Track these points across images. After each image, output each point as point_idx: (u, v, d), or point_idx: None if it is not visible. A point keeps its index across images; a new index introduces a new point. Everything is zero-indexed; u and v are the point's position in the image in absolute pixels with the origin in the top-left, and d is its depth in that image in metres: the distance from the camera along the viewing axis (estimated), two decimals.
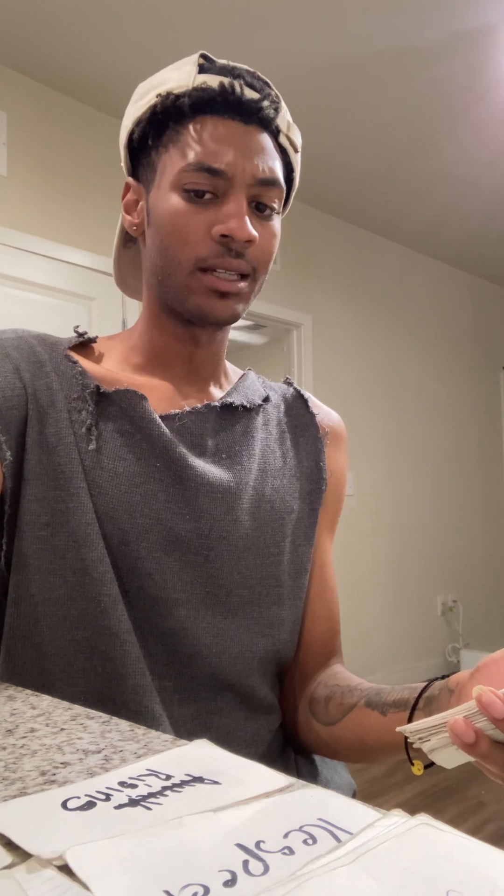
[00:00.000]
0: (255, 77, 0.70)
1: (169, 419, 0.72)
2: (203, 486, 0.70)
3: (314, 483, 0.80)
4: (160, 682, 0.68)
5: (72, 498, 0.67)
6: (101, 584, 0.66)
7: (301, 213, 3.71)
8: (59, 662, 0.66)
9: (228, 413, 0.76)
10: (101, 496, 0.67)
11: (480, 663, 0.54)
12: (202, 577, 0.69)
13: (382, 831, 0.33)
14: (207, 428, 0.73)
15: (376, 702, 0.67)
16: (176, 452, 0.69)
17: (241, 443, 0.75)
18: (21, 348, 0.72)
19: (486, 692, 0.43)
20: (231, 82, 0.67)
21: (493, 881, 0.29)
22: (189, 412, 0.73)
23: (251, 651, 0.72)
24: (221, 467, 0.72)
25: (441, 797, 2.52)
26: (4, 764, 0.43)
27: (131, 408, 0.70)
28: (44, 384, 0.70)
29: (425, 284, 4.50)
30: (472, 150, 3.24)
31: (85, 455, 0.68)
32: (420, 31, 2.45)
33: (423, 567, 4.32)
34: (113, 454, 0.69)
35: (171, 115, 0.69)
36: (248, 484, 0.73)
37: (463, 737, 0.43)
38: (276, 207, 0.71)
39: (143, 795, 0.38)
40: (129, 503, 0.68)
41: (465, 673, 0.58)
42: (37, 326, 2.90)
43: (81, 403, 0.69)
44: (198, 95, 0.67)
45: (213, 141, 0.67)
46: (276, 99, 0.70)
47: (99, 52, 2.53)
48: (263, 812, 0.36)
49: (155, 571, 0.67)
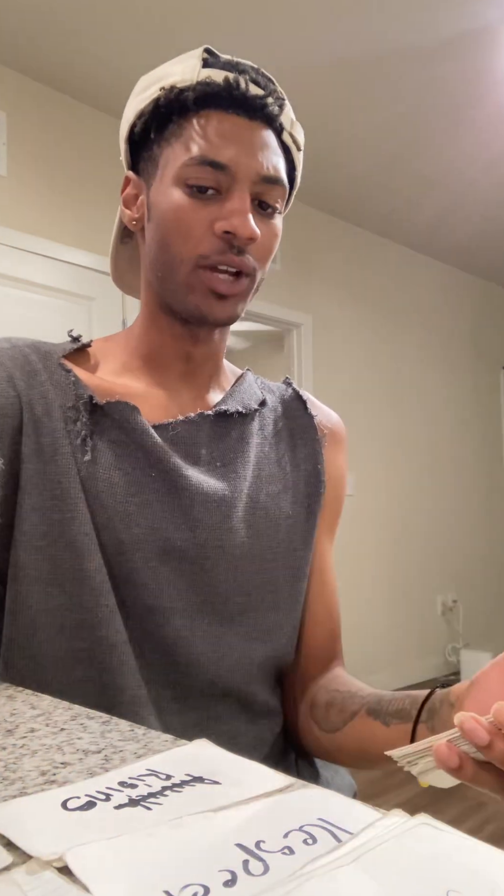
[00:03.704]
0: (260, 73, 0.69)
1: (162, 429, 0.71)
2: (198, 496, 0.69)
3: (312, 486, 0.79)
4: (159, 691, 0.68)
5: (69, 508, 0.66)
6: (98, 595, 0.65)
7: (301, 213, 3.71)
8: (57, 673, 0.66)
9: (223, 420, 0.75)
10: (97, 506, 0.67)
11: (477, 674, 0.54)
12: (198, 586, 0.69)
13: (382, 831, 0.33)
14: (201, 437, 0.73)
15: (378, 711, 0.66)
16: (170, 462, 0.69)
17: (236, 450, 0.75)
18: (15, 358, 0.71)
19: (468, 719, 0.42)
20: (236, 77, 0.67)
21: (493, 881, 0.29)
22: (182, 421, 0.72)
23: (250, 657, 0.71)
24: (216, 476, 0.72)
25: (441, 797, 2.52)
26: (4, 764, 0.43)
27: (124, 419, 0.69)
28: (38, 393, 0.69)
29: (425, 284, 4.50)
30: (473, 150, 3.24)
31: (81, 465, 0.67)
32: (420, 31, 2.45)
33: (423, 567, 4.32)
34: (108, 464, 0.68)
35: (174, 108, 0.68)
36: (243, 492, 0.73)
37: (447, 762, 0.43)
38: (278, 206, 0.70)
39: (143, 795, 0.38)
40: (124, 513, 0.67)
41: (465, 684, 0.57)
42: (37, 326, 2.87)
43: (76, 414, 0.69)
44: (202, 90, 0.67)
45: (216, 136, 0.66)
46: (281, 96, 0.70)
47: (99, 52, 2.53)
48: (263, 812, 0.36)
49: (150, 581, 0.67)
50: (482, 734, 0.41)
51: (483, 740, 0.41)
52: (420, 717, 0.62)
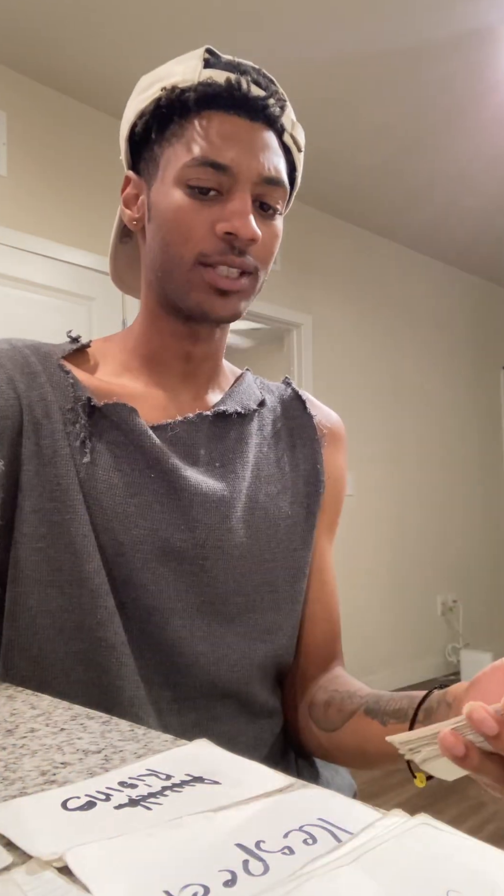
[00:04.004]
0: (261, 74, 0.69)
1: (161, 429, 0.71)
2: (197, 497, 0.69)
3: (311, 486, 0.79)
4: (159, 692, 0.68)
5: (68, 510, 0.66)
6: (97, 596, 0.65)
7: (301, 213, 3.71)
8: (57, 674, 0.66)
9: (222, 421, 0.75)
10: (96, 508, 0.67)
11: (476, 676, 0.54)
12: (197, 587, 0.69)
13: (382, 831, 0.33)
14: (200, 437, 0.73)
15: (376, 710, 0.66)
16: (169, 463, 0.69)
17: (235, 451, 0.75)
18: (15, 359, 0.71)
19: (477, 708, 0.42)
20: (238, 78, 0.67)
21: (493, 881, 0.29)
22: (181, 422, 0.72)
23: (249, 658, 0.71)
24: (215, 477, 0.72)
25: (441, 797, 2.52)
26: (4, 764, 0.43)
27: (122, 421, 0.69)
28: (38, 395, 0.69)
29: (425, 284, 4.50)
30: (473, 151, 3.24)
31: (80, 467, 0.68)
32: (420, 31, 2.45)
33: (424, 567, 4.32)
34: (107, 466, 0.68)
35: (175, 109, 0.68)
36: (242, 492, 0.73)
37: (452, 750, 0.43)
38: (279, 208, 0.71)
39: (143, 795, 0.38)
40: (123, 514, 0.67)
41: (463, 685, 0.57)
42: (36, 326, 2.87)
43: (75, 415, 0.69)
44: (204, 90, 0.67)
45: (218, 136, 0.66)
46: (282, 97, 0.70)
47: (99, 52, 2.53)
48: (263, 812, 0.36)
49: (150, 582, 0.67)
50: (491, 723, 0.42)
51: (493, 729, 0.42)
52: (417, 717, 0.62)
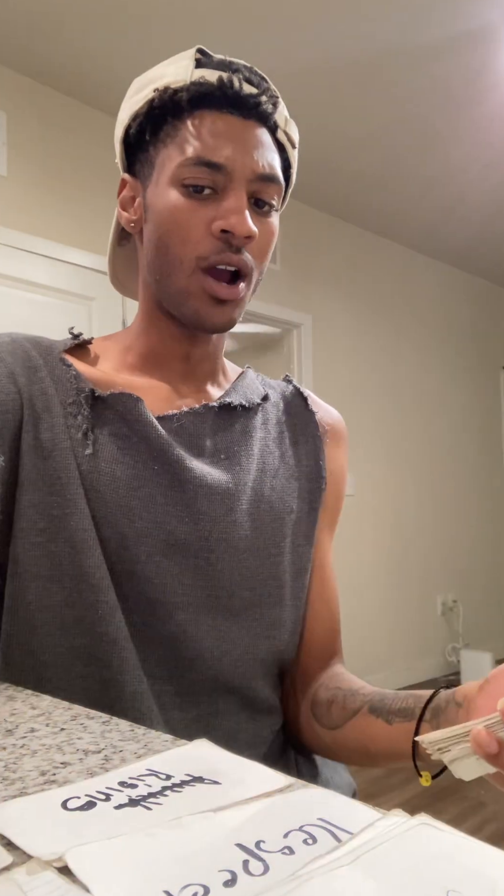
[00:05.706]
0: (253, 72, 0.70)
1: (166, 420, 0.71)
2: (202, 488, 0.69)
3: (314, 482, 0.79)
4: (161, 686, 0.67)
5: (68, 503, 0.66)
6: (98, 591, 0.65)
7: (301, 213, 3.71)
8: (57, 670, 0.66)
9: (227, 413, 0.75)
10: (98, 501, 0.67)
11: (490, 675, 0.54)
12: (203, 580, 0.69)
13: (382, 831, 0.33)
14: (205, 428, 0.73)
15: (380, 709, 0.66)
16: (174, 454, 0.69)
17: (240, 443, 0.75)
18: (16, 353, 0.71)
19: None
20: (230, 77, 0.67)
21: (493, 881, 0.29)
22: (187, 412, 0.72)
23: (253, 653, 0.71)
24: (220, 468, 0.72)
25: (441, 797, 2.52)
26: (4, 764, 0.43)
27: (127, 411, 0.69)
28: (39, 389, 0.69)
29: (425, 284, 4.50)
30: (473, 150, 3.24)
31: (81, 460, 0.67)
32: (420, 31, 2.45)
33: (423, 567, 4.32)
34: (110, 458, 0.68)
35: (168, 109, 0.68)
36: (247, 485, 0.73)
37: (487, 747, 0.44)
38: (274, 204, 0.71)
39: (143, 795, 0.38)
40: (127, 507, 0.67)
41: (473, 685, 0.57)
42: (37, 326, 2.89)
43: (77, 408, 0.69)
44: (196, 90, 0.67)
45: (211, 135, 0.66)
46: (275, 94, 0.70)
47: (99, 52, 2.53)
48: (263, 812, 0.36)
49: (154, 575, 0.67)
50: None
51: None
52: (424, 716, 0.61)
